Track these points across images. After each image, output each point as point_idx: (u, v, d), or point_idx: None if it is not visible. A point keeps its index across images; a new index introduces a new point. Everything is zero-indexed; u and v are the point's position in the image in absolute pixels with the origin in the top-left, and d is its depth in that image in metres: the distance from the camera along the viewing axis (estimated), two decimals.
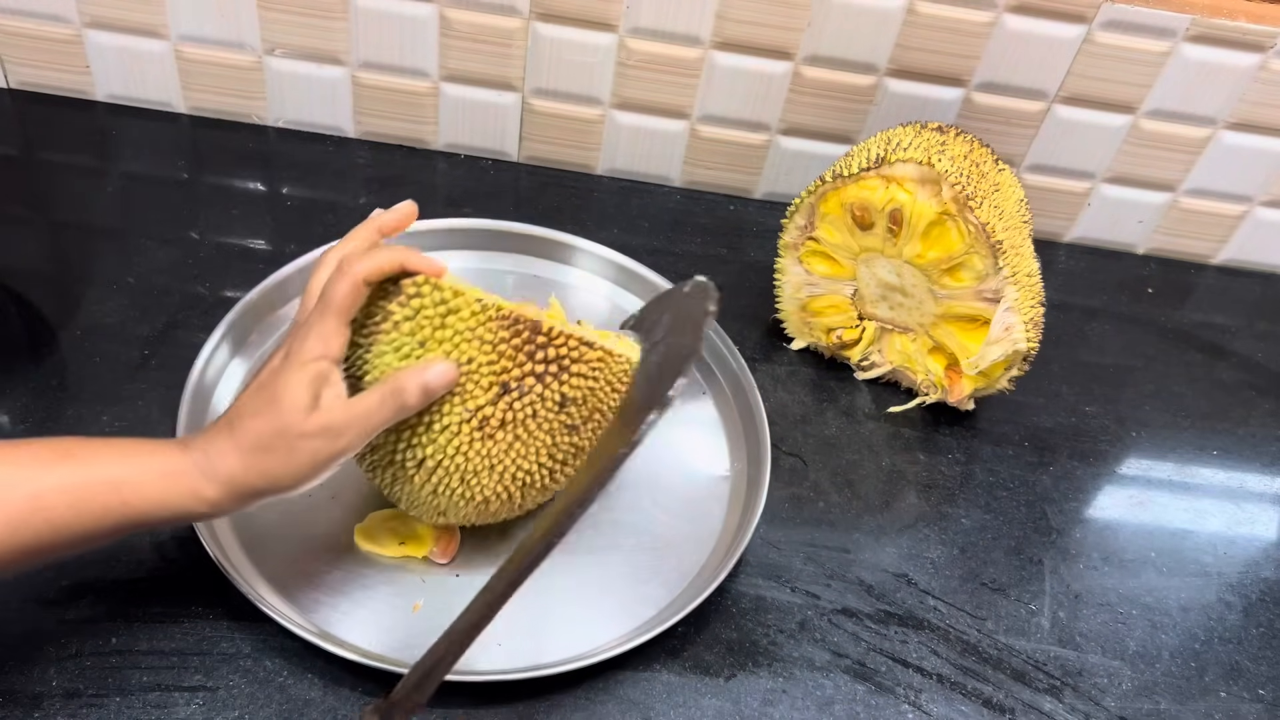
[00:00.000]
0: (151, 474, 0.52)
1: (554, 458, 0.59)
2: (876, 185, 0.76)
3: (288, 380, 0.53)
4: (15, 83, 0.95)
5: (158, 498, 0.52)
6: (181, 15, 0.89)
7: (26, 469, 0.51)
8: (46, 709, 0.57)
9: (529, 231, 0.87)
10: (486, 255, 0.88)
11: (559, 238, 0.87)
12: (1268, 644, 0.74)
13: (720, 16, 0.88)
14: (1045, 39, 0.88)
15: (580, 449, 0.60)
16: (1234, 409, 0.91)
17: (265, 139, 0.96)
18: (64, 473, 0.51)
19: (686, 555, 0.70)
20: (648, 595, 0.68)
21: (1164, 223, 1.02)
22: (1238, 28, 0.87)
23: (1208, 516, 0.82)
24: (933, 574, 0.73)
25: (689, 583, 0.69)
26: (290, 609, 0.63)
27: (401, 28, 0.90)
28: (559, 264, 0.88)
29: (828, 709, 0.65)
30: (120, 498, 0.51)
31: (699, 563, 0.70)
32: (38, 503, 0.50)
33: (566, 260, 0.88)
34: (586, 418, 0.59)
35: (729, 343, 0.81)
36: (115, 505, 0.51)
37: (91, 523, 0.51)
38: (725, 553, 0.69)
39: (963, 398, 0.82)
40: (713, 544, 0.71)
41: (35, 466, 0.51)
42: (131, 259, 0.83)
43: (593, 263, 0.88)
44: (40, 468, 0.51)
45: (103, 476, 0.51)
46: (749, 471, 0.75)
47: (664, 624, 0.63)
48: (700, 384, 0.82)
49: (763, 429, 0.75)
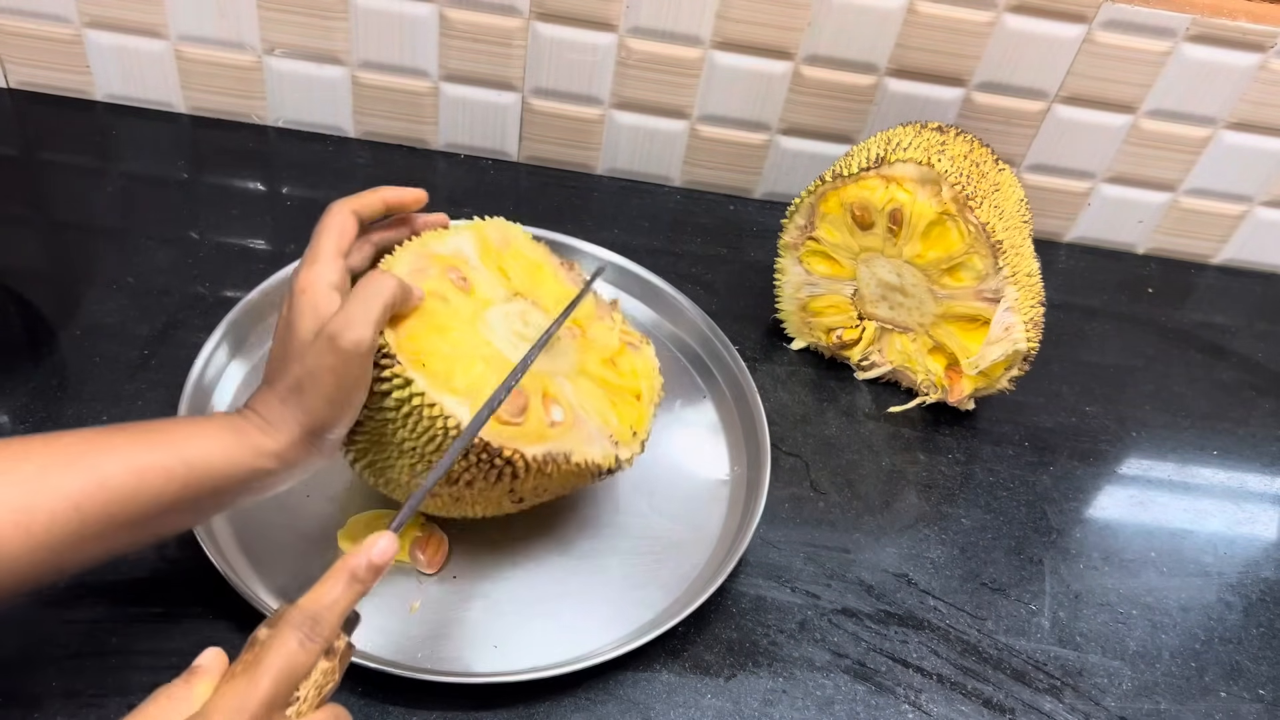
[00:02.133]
0: (210, 435, 0.52)
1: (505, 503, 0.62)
2: (876, 185, 0.76)
3: (292, 315, 0.54)
4: (15, 83, 0.95)
5: (221, 456, 0.52)
6: (181, 15, 0.89)
7: (82, 447, 0.49)
8: (46, 709, 0.57)
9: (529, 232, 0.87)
10: None
11: (557, 236, 0.87)
12: (1268, 644, 0.74)
13: (720, 16, 0.88)
14: (1045, 39, 0.88)
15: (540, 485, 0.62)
16: (1234, 409, 0.91)
17: (265, 139, 0.96)
18: (121, 444, 0.50)
19: (686, 558, 0.70)
20: (646, 598, 0.68)
21: (1164, 223, 1.02)
22: (1238, 28, 0.87)
23: (1208, 516, 0.82)
24: (933, 574, 0.73)
25: (688, 585, 0.69)
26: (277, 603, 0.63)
27: (401, 27, 0.90)
28: None
29: (828, 709, 0.65)
30: (183, 460, 0.50)
31: (698, 565, 0.70)
32: (98, 474, 0.48)
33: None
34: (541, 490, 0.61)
35: (728, 344, 0.81)
36: (179, 470, 0.50)
37: (156, 490, 0.50)
38: (725, 555, 0.69)
39: (963, 398, 0.82)
40: (712, 547, 0.71)
41: (90, 444, 0.50)
42: (131, 259, 0.83)
43: (590, 261, 0.87)
44: (96, 445, 0.50)
45: (164, 442, 0.51)
46: (749, 474, 0.75)
47: (663, 626, 0.63)
48: (700, 387, 0.82)
49: (763, 431, 0.75)
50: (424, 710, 0.60)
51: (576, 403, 0.62)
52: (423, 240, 0.61)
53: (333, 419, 0.54)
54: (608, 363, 0.66)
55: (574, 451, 0.60)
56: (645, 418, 0.66)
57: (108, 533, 0.49)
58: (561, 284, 0.67)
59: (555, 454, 0.59)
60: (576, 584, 0.68)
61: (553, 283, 0.67)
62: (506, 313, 0.62)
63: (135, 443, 0.50)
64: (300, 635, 0.45)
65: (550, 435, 0.59)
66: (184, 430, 0.52)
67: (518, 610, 0.66)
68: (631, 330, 0.70)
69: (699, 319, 0.83)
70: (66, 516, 0.47)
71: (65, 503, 0.47)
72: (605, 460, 0.61)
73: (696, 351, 0.84)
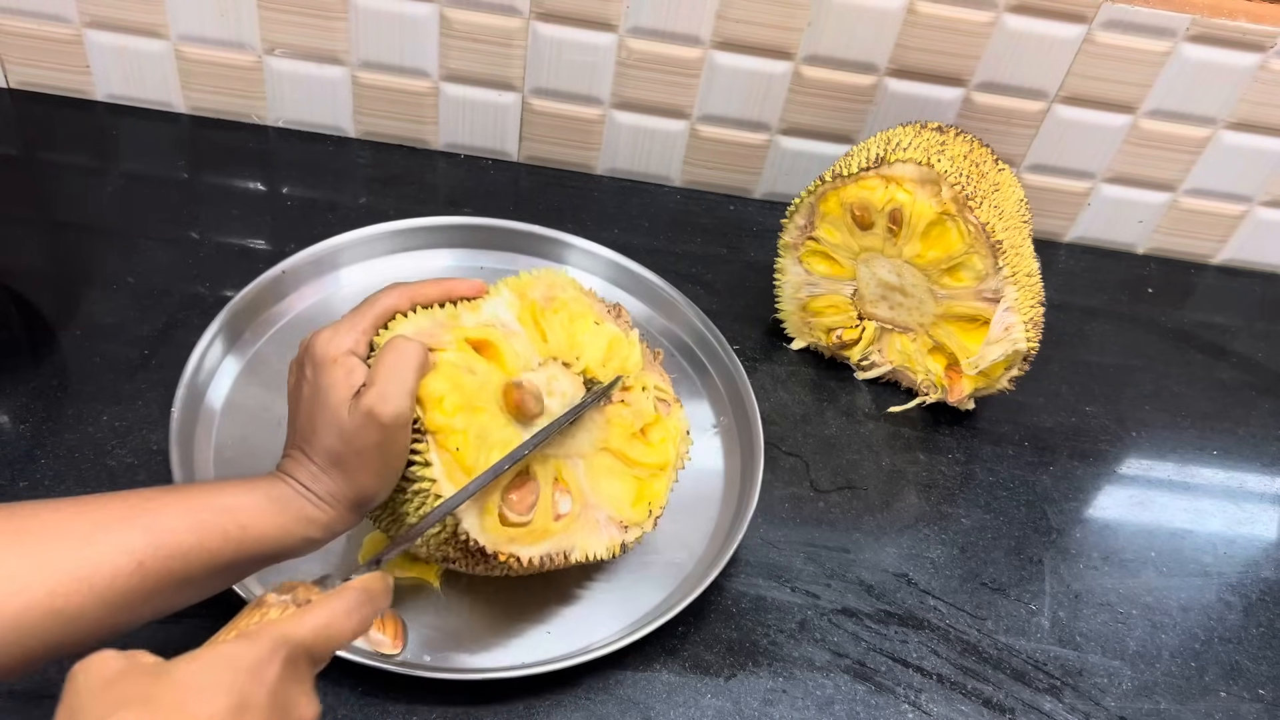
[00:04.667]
0: (261, 500, 0.52)
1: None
2: (876, 185, 0.76)
3: (322, 382, 0.53)
4: (15, 83, 0.95)
5: (273, 522, 0.51)
6: (181, 15, 0.89)
7: (139, 504, 0.49)
8: (47, 709, 0.57)
9: (529, 230, 0.87)
10: (484, 254, 0.88)
11: (557, 236, 0.87)
12: (1268, 644, 0.74)
13: (720, 16, 0.88)
14: (1045, 39, 0.88)
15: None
16: (1234, 409, 0.91)
17: (265, 139, 0.96)
18: (176, 503, 0.49)
19: (679, 554, 0.70)
20: (643, 595, 0.68)
21: (1164, 223, 1.02)
22: (1238, 28, 0.87)
23: (1208, 516, 0.82)
24: (933, 574, 0.73)
25: (683, 579, 0.69)
26: None
27: (401, 27, 0.90)
28: (558, 264, 0.88)
29: (828, 709, 0.65)
30: (238, 524, 0.50)
31: (694, 561, 0.70)
32: (157, 531, 0.47)
33: (564, 259, 0.88)
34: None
35: (722, 339, 0.81)
36: (234, 532, 0.50)
37: (213, 551, 0.49)
38: (718, 550, 0.69)
39: (963, 398, 0.82)
40: (705, 543, 0.71)
41: (147, 502, 0.49)
42: (131, 259, 0.83)
43: (590, 261, 0.87)
44: (154, 503, 0.49)
45: (219, 505, 0.50)
46: (744, 470, 0.75)
47: (661, 619, 0.63)
48: (697, 386, 0.82)
49: (756, 424, 0.75)
50: (424, 708, 0.60)
51: (590, 487, 0.61)
52: (453, 312, 0.59)
53: (379, 490, 0.54)
54: (636, 436, 0.64)
55: (575, 548, 0.59)
56: (665, 490, 0.65)
57: (166, 590, 0.48)
58: (605, 336, 0.65)
59: (554, 553, 0.58)
60: (573, 580, 0.68)
61: (594, 337, 0.64)
62: (533, 380, 0.60)
63: (190, 503, 0.50)
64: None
65: (553, 531, 0.59)
66: (233, 494, 0.51)
67: (516, 608, 0.66)
68: (667, 386, 0.68)
69: (694, 316, 0.83)
70: (129, 572, 0.46)
71: (127, 558, 0.47)
72: (608, 550, 0.61)
73: (693, 349, 0.84)
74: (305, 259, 0.80)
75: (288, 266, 0.79)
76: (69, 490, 0.67)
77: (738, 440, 0.78)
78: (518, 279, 0.64)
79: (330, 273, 0.82)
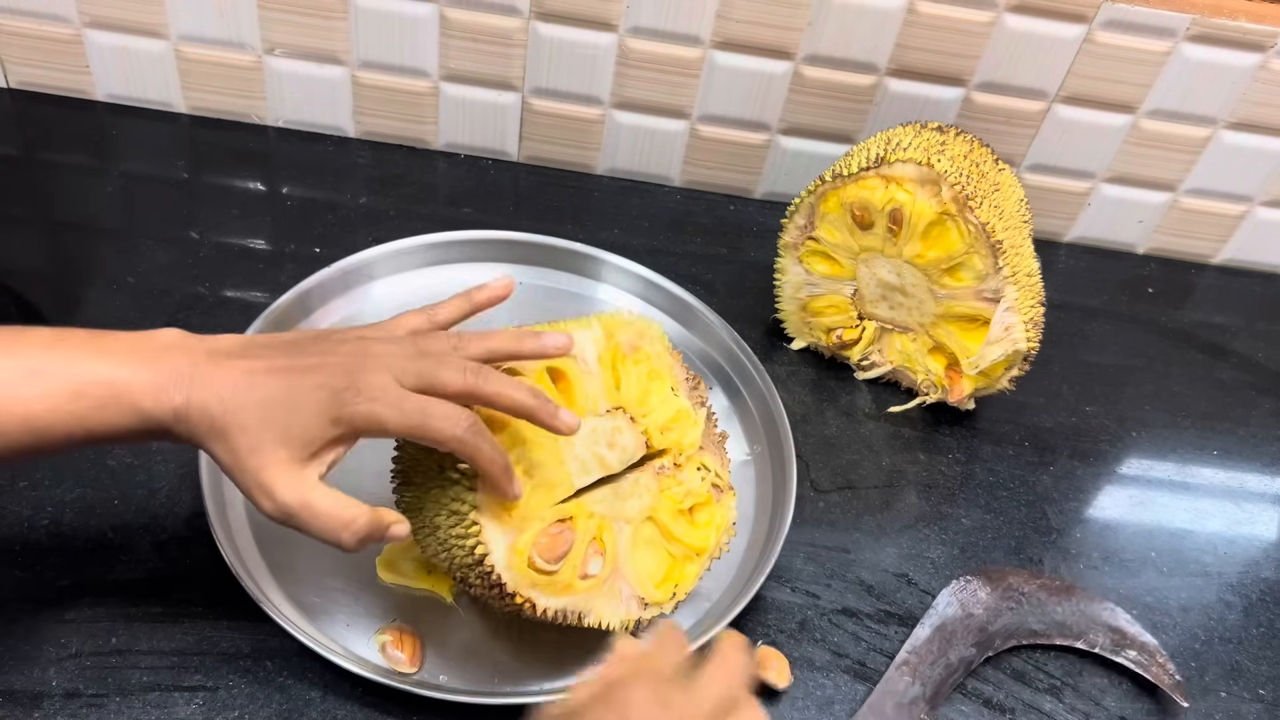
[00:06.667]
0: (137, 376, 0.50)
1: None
2: (876, 185, 0.76)
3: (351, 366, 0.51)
4: (15, 83, 0.95)
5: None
6: (181, 15, 0.89)
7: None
8: (46, 709, 0.57)
9: (566, 246, 0.86)
10: (522, 269, 0.86)
11: (596, 254, 0.86)
12: (1268, 644, 0.74)
13: (720, 16, 0.88)
14: (1045, 39, 0.88)
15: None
16: (1234, 409, 0.91)
17: (265, 139, 0.96)
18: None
19: (704, 583, 0.66)
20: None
21: (1164, 223, 1.02)
22: (1238, 27, 0.87)
23: (1208, 516, 0.82)
24: (933, 574, 0.73)
25: (705, 611, 0.67)
26: (293, 611, 0.63)
27: (401, 27, 0.90)
28: (569, 274, 0.87)
29: (828, 709, 0.65)
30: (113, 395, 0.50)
31: (719, 589, 0.68)
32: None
33: (601, 276, 0.86)
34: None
35: (759, 366, 0.79)
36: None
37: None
38: (741, 589, 0.66)
39: (963, 398, 0.82)
40: (732, 574, 0.69)
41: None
42: (131, 259, 0.83)
43: (625, 279, 0.86)
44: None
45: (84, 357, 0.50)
46: (773, 504, 0.72)
47: (709, 633, 0.62)
48: (712, 382, 0.81)
49: (784, 426, 0.74)
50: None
51: (624, 556, 0.60)
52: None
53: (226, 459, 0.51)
54: (684, 513, 0.63)
55: (590, 613, 0.58)
56: (695, 576, 0.63)
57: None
58: (675, 405, 0.64)
59: (570, 610, 0.57)
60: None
61: (664, 402, 0.63)
62: (595, 429, 0.59)
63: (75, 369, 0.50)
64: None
65: (576, 589, 0.57)
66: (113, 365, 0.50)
67: (534, 629, 0.63)
68: (725, 473, 0.67)
69: (731, 341, 0.81)
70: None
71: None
72: (623, 624, 0.59)
73: (729, 375, 0.82)
74: (318, 280, 0.78)
75: (315, 281, 0.78)
76: (69, 490, 0.67)
77: (769, 473, 0.75)
78: (610, 317, 0.63)
79: (361, 285, 0.81)
